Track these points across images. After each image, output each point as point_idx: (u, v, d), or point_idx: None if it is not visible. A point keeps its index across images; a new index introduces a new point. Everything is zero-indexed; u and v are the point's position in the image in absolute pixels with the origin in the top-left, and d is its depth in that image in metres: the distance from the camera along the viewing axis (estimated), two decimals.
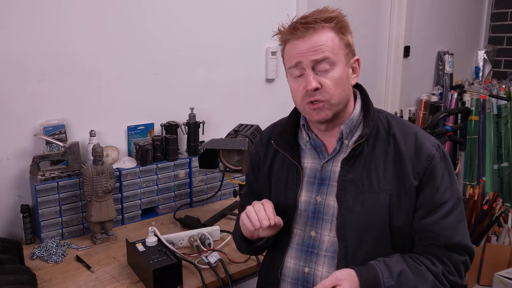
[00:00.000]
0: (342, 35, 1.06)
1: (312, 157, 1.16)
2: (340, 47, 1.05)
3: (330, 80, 1.04)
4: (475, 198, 2.79)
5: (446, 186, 1.06)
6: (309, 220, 1.14)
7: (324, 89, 1.04)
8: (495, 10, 3.64)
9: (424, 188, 1.06)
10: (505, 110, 3.15)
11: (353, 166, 1.09)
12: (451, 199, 1.06)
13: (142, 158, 1.83)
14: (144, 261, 1.33)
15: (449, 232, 1.05)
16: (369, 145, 1.09)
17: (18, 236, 1.64)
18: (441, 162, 1.07)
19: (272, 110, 2.30)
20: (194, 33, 2.04)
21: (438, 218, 1.05)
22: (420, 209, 1.07)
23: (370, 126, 1.09)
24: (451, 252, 1.06)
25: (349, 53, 1.08)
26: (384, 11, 3.00)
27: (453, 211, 1.06)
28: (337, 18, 1.05)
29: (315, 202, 1.13)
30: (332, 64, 1.04)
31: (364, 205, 1.07)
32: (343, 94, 1.07)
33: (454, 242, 1.05)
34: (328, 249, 1.10)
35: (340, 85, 1.06)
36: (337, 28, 1.05)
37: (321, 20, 1.03)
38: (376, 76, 3.07)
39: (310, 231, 1.13)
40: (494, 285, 2.40)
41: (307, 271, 1.12)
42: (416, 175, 1.06)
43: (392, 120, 1.12)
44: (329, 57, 1.03)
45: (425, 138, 1.09)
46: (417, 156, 1.06)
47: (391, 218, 1.06)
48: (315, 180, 1.14)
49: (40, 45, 1.65)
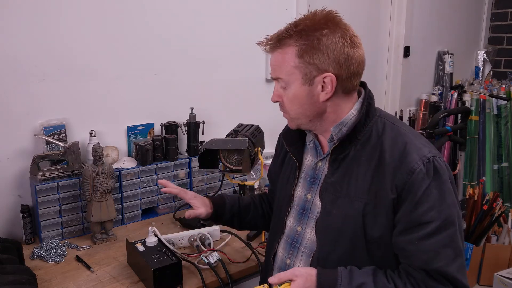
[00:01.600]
0: (304, 52, 1.01)
1: (312, 155, 1.18)
2: (296, 66, 1.03)
3: (285, 97, 1.08)
4: (475, 198, 2.79)
5: (431, 205, 0.96)
6: (298, 215, 1.18)
7: (282, 104, 1.10)
8: (495, 10, 3.64)
9: (403, 203, 0.98)
10: (505, 110, 3.15)
11: (337, 169, 1.08)
12: (435, 221, 0.96)
13: (142, 158, 1.83)
14: (144, 261, 1.33)
15: (427, 256, 0.97)
16: (357, 149, 1.06)
17: (18, 236, 1.64)
18: (427, 178, 0.97)
19: (272, 110, 2.29)
20: (194, 33, 2.04)
21: (415, 238, 0.97)
22: (398, 225, 1.00)
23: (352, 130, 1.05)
24: (431, 279, 0.98)
25: (312, 71, 1.02)
26: (384, 11, 3.00)
27: (437, 234, 0.96)
28: (300, 35, 1.01)
29: (305, 199, 1.16)
30: (285, 83, 1.06)
31: (339, 209, 1.06)
32: (300, 111, 1.07)
33: (432, 268, 0.97)
34: (307, 246, 1.13)
35: (296, 102, 1.07)
36: (298, 45, 1.02)
37: (285, 36, 1.03)
38: (376, 76, 3.07)
39: (297, 226, 1.17)
40: (494, 285, 2.40)
41: (288, 262, 1.18)
42: (394, 188, 0.99)
43: (388, 127, 1.06)
44: (281, 77, 1.07)
45: (414, 150, 1.00)
46: (398, 168, 0.99)
47: (366, 228, 1.02)
48: (309, 178, 1.17)
49: (40, 45, 1.65)
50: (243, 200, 1.41)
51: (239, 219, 1.38)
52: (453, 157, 2.98)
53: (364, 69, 1.08)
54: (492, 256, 2.72)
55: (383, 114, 1.11)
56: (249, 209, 1.40)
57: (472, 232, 2.75)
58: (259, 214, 1.41)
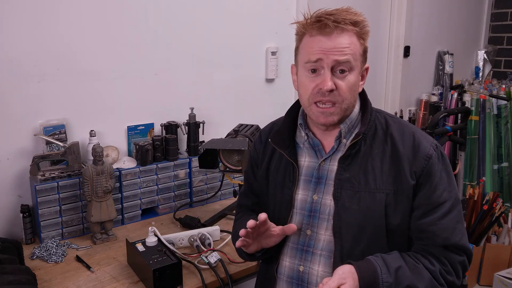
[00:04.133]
0: (363, 40, 1.06)
1: (310, 156, 1.16)
2: (359, 53, 1.06)
3: (345, 83, 1.04)
4: (475, 198, 2.79)
5: (444, 187, 1.06)
6: (305, 218, 1.13)
7: (338, 91, 1.04)
8: (495, 10, 3.64)
9: (422, 188, 1.06)
10: (505, 110, 3.15)
11: (350, 165, 1.09)
12: (449, 200, 1.06)
13: (142, 158, 1.83)
14: (144, 261, 1.33)
15: (447, 233, 1.05)
16: (367, 144, 1.09)
17: (18, 236, 1.64)
18: (439, 162, 1.07)
19: (272, 110, 2.30)
20: (194, 33, 2.04)
21: (436, 218, 1.05)
22: (417, 209, 1.06)
23: (367, 125, 1.09)
24: (449, 252, 1.06)
25: (364, 60, 1.09)
26: (384, 11, 3.00)
27: (451, 212, 1.06)
28: (362, 23, 1.05)
29: (311, 200, 1.13)
30: (350, 68, 1.04)
31: (360, 204, 1.06)
32: (352, 100, 1.08)
33: (451, 243, 1.05)
34: (324, 248, 1.10)
35: (353, 90, 1.07)
36: (360, 34, 1.05)
37: (350, 22, 1.02)
38: (376, 76, 3.07)
39: (306, 229, 1.13)
40: (494, 285, 2.40)
41: (302, 269, 1.12)
42: (413, 174, 1.05)
43: (390, 120, 1.13)
44: (350, 61, 1.03)
45: (423, 138, 1.09)
46: (414, 156, 1.06)
47: (388, 217, 1.06)
48: (312, 179, 1.14)
49: (40, 45, 1.65)
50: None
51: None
52: (453, 157, 2.97)
53: None
54: (492, 256, 2.72)
55: (378, 109, 1.17)
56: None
57: (472, 232, 2.75)
58: None
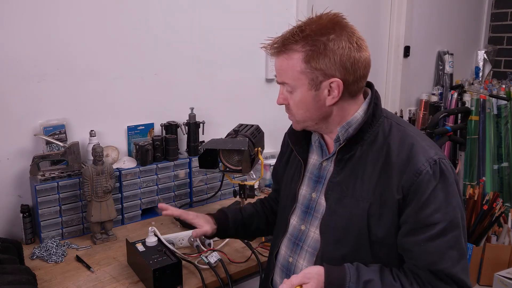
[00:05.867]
0: (310, 58, 1.01)
1: (317, 155, 1.19)
2: (302, 72, 1.02)
3: (292, 101, 1.08)
4: (475, 198, 2.79)
5: (438, 207, 0.97)
6: (302, 214, 1.18)
7: (288, 106, 1.11)
8: (495, 10, 3.64)
9: (409, 205, 0.99)
10: (505, 110, 3.14)
11: (343, 169, 1.09)
12: (441, 222, 0.97)
13: (142, 158, 1.83)
14: (144, 261, 1.33)
15: (432, 257, 0.98)
16: (363, 150, 1.06)
17: (18, 236, 1.64)
18: (433, 180, 0.98)
19: (272, 110, 2.29)
20: (194, 33, 2.04)
21: (422, 240, 0.98)
22: (404, 226, 1.01)
23: (359, 130, 1.05)
24: (437, 279, 0.98)
25: (319, 77, 1.02)
26: (384, 11, 3.00)
27: (442, 235, 0.97)
28: (306, 40, 1.00)
29: (310, 198, 1.17)
30: (292, 87, 1.06)
31: (345, 208, 1.07)
32: (307, 114, 1.08)
33: (438, 269, 0.98)
34: (311, 245, 1.14)
35: (302, 107, 1.07)
36: (304, 51, 1.01)
37: (290, 42, 1.02)
38: (376, 76, 3.07)
39: (301, 224, 1.18)
40: (494, 285, 2.40)
41: (290, 261, 1.18)
42: (400, 189, 0.99)
43: (394, 128, 1.07)
44: (287, 82, 1.06)
45: (421, 151, 1.01)
46: (405, 169, 1.00)
47: (371, 228, 1.03)
48: (313, 177, 1.17)
49: (40, 45, 1.65)
50: (245, 211, 1.40)
51: (244, 230, 1.38)
52: (453, 157, 2.98)
53: (369, 71, 1.07)
54: (492, 256, 2.72)
55: (389, 115, 1.11)
56: (252, 219, 1.39)
57: (472, 232, 2.75)
58: (263, 221, 1.40)
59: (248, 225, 1.38)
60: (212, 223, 1.34)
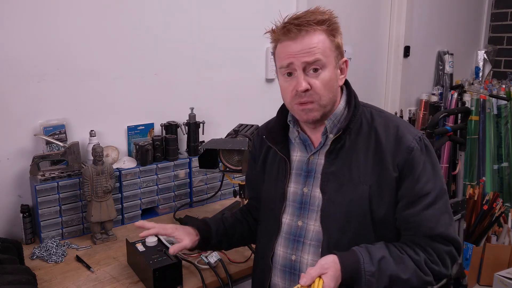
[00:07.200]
0: (332, 37, 1.08)
1: (301, 151, 1.21)
2: (330, 49, 1.08)
3: (320, 81, 1.08)
4: (475, 198, 2.79)
5: (428, 178, 1.07)
6: (296, 210, 1.18)
7: (314, 90, 1.08)
8: (495, 10, 3.64)
9: (405, 180, 1.08)
10: (505, 110, 3.15)
11: (335, 159, 1.13)
12: (433, 191, 1.07)
13: (142, 158, 1.83)
14: (144, 261, 1.33)
15: (431, 223, 1.07)
16: (351, 138, 1.12)
17: (18, 236, 1.64)
18: (422, 154, 1.08)
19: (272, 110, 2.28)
20: (194, 33, 2.04)
21: (419, 209, 1.07)
22: (402, 200, 1.09)
23: (349, 121, 1.11)
24: (435, 242, 1.07)
25: (339, 55, 1.10)
26: (384, 11, 3.00)
27: (436, 202, 1.07)
28: (329, 21, 1.07)
29: (302, 193, 1.18)
30: (322, 66, 1.07)
31: (344, 196, 1.10)
32: (331, 96, 1.10)
33: (436, 233, 1.07)
34: (313, 238, 1.14)
35: (329, 86, 1.09)
36: (328, 31, 1.07)
37: (314, 23, 1.05)
38: (376, 76, 3.07)
39: (297, 221, 1.18)
40: (494, 285, 2.40)
41: (294, 258, 1.17)
42: (395, 167, 1.07)
43: (376, 114, 1.15)
44: (320, 59, 1.06)
45: (406, 131, 1.10)
46: (396, 148, 1.08)
47: (372, 208, 1.08)
48: (302, 172, 1.19)
49: (40, 45, 1.65)
50: (227, 220, 1.36)
51: (227, 240, 1.34)
52: (453, 157, 2.98)
53: None
54: (492, 256, 2.72)
55: (365, 104, 1.19)
56: (234, 228, 1.36)
57: (472, 232, 2.75)
58: (245, 229, 1.38)
59: (231, 235, 1.35)
60: (193, 234, 1.28)
